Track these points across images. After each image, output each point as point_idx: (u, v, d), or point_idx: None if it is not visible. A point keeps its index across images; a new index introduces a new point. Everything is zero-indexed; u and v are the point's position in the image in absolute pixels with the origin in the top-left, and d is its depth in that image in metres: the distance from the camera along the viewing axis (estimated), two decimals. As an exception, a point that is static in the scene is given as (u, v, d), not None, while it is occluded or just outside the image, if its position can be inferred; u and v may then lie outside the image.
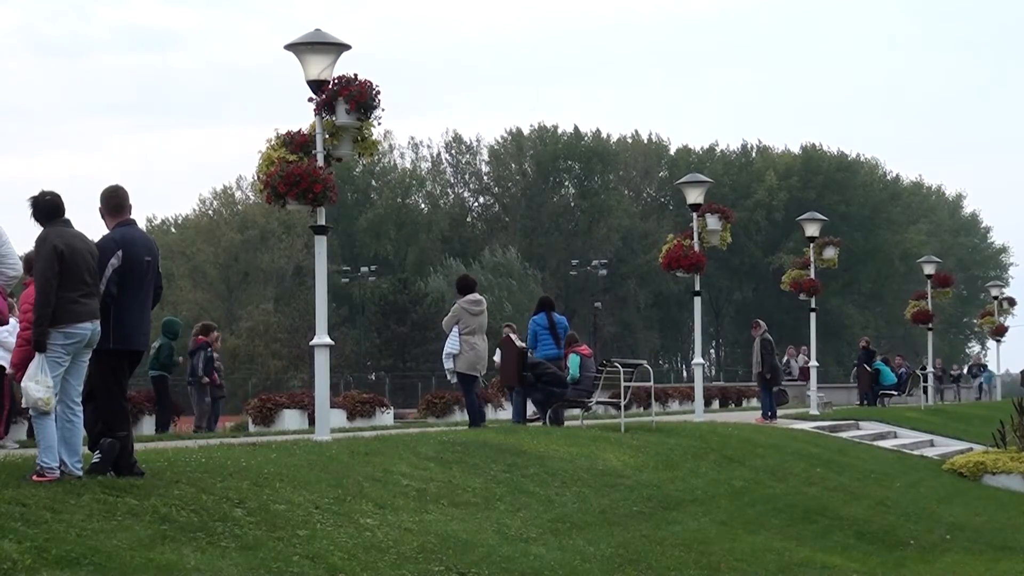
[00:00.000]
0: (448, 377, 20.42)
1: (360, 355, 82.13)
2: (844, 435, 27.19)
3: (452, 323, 19.55)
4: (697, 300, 26.54)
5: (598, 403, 22.02)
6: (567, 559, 11.64)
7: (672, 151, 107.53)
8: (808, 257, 33.39)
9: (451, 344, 19.49)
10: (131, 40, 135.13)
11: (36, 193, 10.51)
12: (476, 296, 19.86)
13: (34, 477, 9.92)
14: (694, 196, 26.18)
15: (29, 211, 10.39)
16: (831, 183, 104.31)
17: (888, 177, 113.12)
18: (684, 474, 17.36)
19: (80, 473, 10.25)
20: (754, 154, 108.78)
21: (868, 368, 39.43)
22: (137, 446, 11.31)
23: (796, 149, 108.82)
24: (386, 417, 29.03)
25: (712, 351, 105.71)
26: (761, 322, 29.71)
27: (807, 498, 17.89)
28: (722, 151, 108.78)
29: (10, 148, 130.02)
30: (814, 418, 30.52)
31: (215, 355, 24.63)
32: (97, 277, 10.50)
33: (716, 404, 42.46)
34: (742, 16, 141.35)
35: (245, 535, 9.73)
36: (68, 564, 8.06)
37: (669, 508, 15.12)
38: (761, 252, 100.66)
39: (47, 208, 10.40)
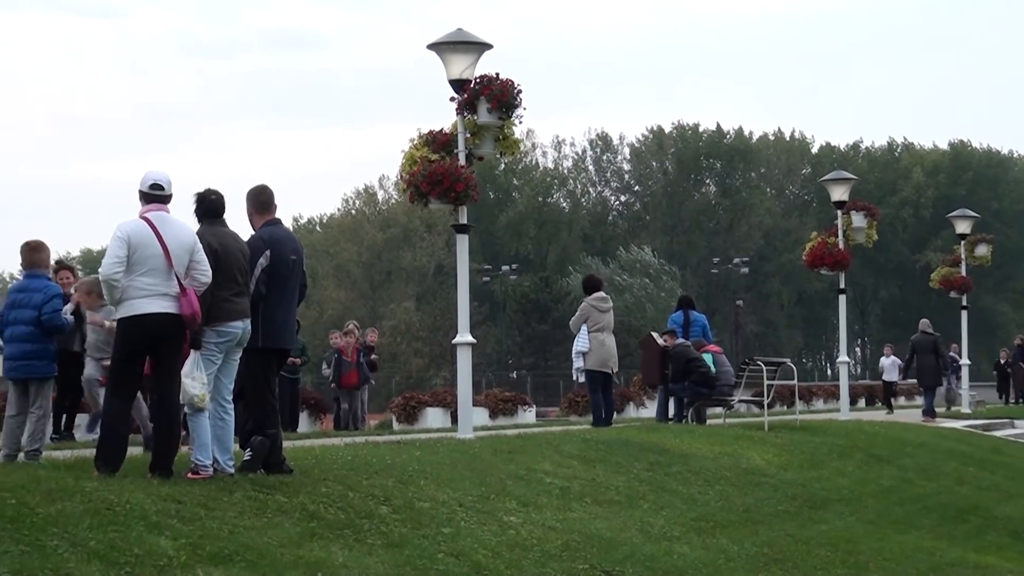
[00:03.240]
0: (575, 376, 20.48)
1: (501, 353, 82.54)
2: (998, 434, 26.64)
3: (580, 322, 19.62)
4: (842, 298, 26.22)
5: (740, 401, 21.91)
6: (711, 558, 11.55)
7: (815, 149, 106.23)
8: (959, 254, 32.74)
9: (580, 343, 19.56)
10: (277, 41, 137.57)
11: (202, 190, 10.71)
12: (602, 294, 20.00)
13: (189, 474, 10.09)
14: (839, 193, 25.86)
15: (192, 206, 10.60)
16: (981, 179, 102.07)
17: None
18: (830, 473, 17.13)
19: (232, 470, 10.41)
20: (900, 151, 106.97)
21: (1024, 365, 38.75)
22: (284, 444, 11.48)
23: (944, 146, 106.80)
24: (528, 415, 29.16)
25: (857, 349, 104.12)
26: (921, 322, 29.44)
27: (959, 497, 17.54)
28: (867, 148, 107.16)
29: (161, 148, 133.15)
30: (966, 416, 29.94)
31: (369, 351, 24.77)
32: (248, 276, 10.68)
33: (862, 403, 41.93)
34: (885, 11, 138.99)
35: (391, 532, 9.81)
36: (221, 561, 8.18)
37: (815, 507, 14.94)
38: (908, 249, 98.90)
39: (210, 207, 10.60)
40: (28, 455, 11.82)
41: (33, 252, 12.33)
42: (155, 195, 10.21)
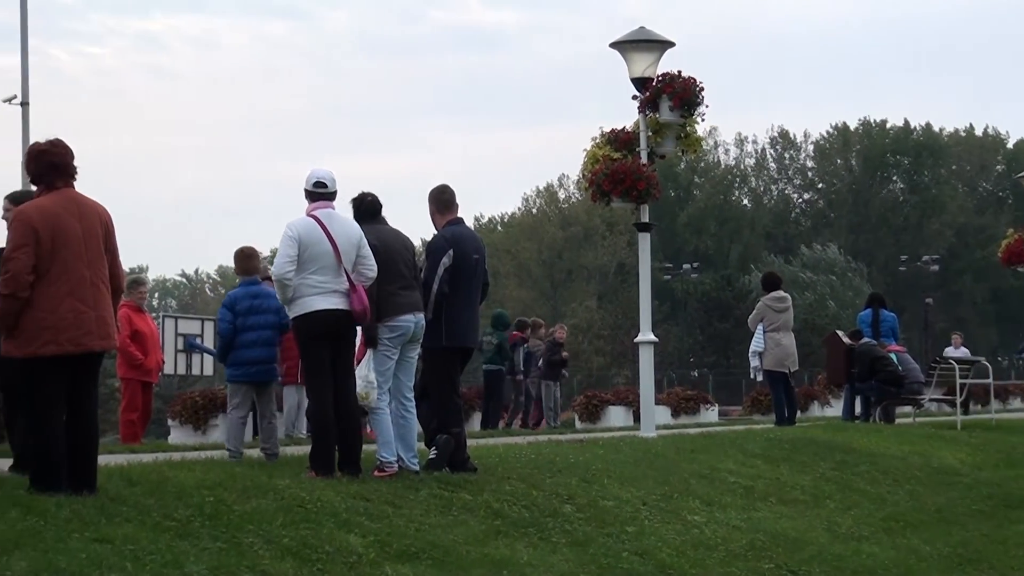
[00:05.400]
0: (752, 375, 20.33)
1: (683, 352, 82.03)
2: None
3: (757, 321, 19.42)
4: (1039, 294, 25.50)
5: (931, 400, 21.47)
6: (901, 558, 11.32)
7: (1010, 144, 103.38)
8: None
9: (756, 342, 19.37)
10: (457, 40, 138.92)
11: (358, 194, 10.91)
12: (781, 293, 19.70)
13: (375, 472, 10.23)
14: (1036, 189, 25.16)
15: (351, 210, 10.78)
16: None
17: None
18: (1028, 473, 16.64)
19: (416, 468, 10.54)
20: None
21: None
22: (468, 442, 11.58)
23: None
24: (710, 414, 28.96)
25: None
26: None
27: None
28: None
29: (342, 147, 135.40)
30: None
31: (542, 348, 24.77)
32: (415, 271, 10.79)
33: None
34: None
35: (575, 531, 9.83)
36: (409, 558, 8.27)
37: (1012, 507, 14.51)
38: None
39: (369, 208, 10.79)
40: (269, 457, 11.96)
41: (248, 259, 12.66)
42: (320, 193, 10.38)
